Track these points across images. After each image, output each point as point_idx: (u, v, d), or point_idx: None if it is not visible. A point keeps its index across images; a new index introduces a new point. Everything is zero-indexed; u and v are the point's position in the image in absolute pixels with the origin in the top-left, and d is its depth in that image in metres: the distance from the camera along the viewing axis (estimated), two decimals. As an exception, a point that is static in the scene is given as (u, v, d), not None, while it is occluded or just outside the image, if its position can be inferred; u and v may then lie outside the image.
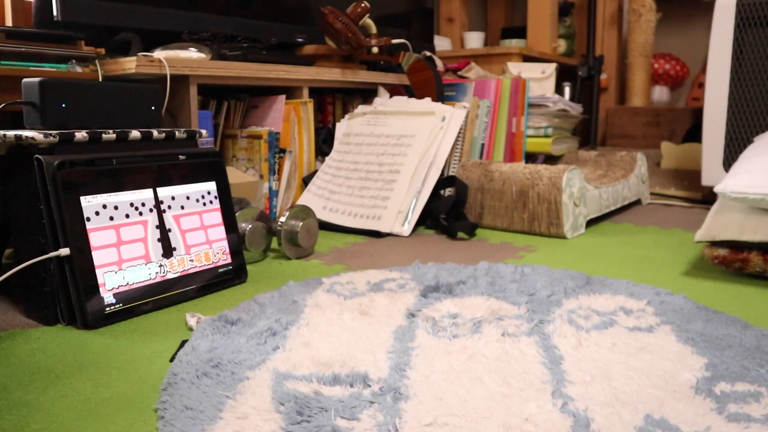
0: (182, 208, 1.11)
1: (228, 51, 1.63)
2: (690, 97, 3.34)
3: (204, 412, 0.66)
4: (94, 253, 0.96)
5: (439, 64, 2.25)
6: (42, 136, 0.96)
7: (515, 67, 2.61)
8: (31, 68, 1.27)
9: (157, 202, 1.07)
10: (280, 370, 0.75)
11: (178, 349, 0.83)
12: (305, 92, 1.82)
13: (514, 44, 2.92)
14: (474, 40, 3.05)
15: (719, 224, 1.19)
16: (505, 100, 2.02)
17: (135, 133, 1.09)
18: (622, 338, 0.85)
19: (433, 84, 1.98)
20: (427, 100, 1.86)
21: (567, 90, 3.01)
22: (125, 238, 1.01)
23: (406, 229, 1.58)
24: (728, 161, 1.96)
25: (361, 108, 1.93)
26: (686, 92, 3.45)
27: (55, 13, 1.36)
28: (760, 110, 1.88)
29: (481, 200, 1.69)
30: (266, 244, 1.33)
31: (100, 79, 1.39)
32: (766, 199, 1.14)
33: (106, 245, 0.98)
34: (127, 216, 1.02)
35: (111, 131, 1.05)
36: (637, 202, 2.08)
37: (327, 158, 1.84)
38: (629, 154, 2.10)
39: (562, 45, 3.21)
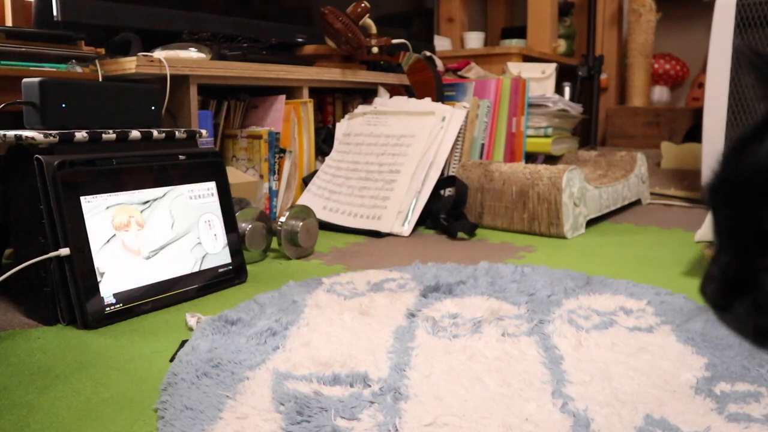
0: (182, 208, 1.11)
1: (228, 51, 1.63)
2: (690, 97, 3.34)
3: (204, 412, 0.66)
4: (94, 253, 0.96)
5: (439, 64, 2.25)
6: (42, 136, 0.96)
7: (515, 67, 2.61)
8: (31, 68, 1.27)
9: (157, 203, 1.07)
10: (280, 370, 0.75)
11: (178, 349, 0.83)
12: (305, 92, 1.82)
13: (514, 44, 2.92)
14: (474, 40, 3.05)
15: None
16: (505, 100, 2.02)
17: (135, 133, 1.09)
18: (622, 338, 0.85)
19: (433, 84, 1.98)
20: (427, 100, 1.86)
21: (567, 90, 3.01)
22: (125, 238, 1.01)
23: (406, 229, 1.58)
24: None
25: (361, 108, 1.93)
26: (686, 92, 3.45)
27: (55, 13, 1.36)
28: (761, 110, 1.88)
29: (481, 200, 1.69)
30: (266, 244, 1.33)
31: (100, 79, 1.39)
32: (766, 199, 1.14)
33: (106, 245, 0.98)
34: (127, 216, 1.02)
35: (111, 131, 1.05)
36: (637, 202, 2.08)
37: (327, 158, 1.84)
38: (629, 154, 2.10)
39: (562, 45, 3.21)
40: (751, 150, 0.33)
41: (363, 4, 1.91)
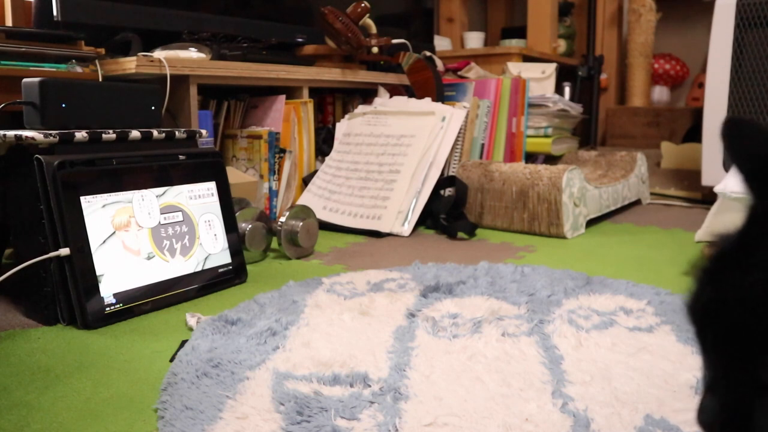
0: (182, 208, 1.11)
1: (228, 51, 1.63)
2: (690, 97, 3.34)
3: (204, 412, 0.66)
4: (94, 253, 0.96)
5: (439, 64, 2.25)
6: (42, 136, 0.96)
7: (515, 67, 2.61)
8: (31, 68, 1.27)
9: (157, 203, 1.07)
10: (280, 370, 0.75)
11: (178, 349, 0.83)
12: (305, 92, 1.82)
13: (514, 44, 2.92)
14: (474, 40, 3.05)
15: (719, 224, 1.19)
16: (505, 100, 2.02)
17: (135, 133, 1.09)
18: (622, 338, 0.85)
19: (433, 84, 1.98)
20: (427, 100, 1.86)
21: (567, 90, 3.01)
22: (125, 238, 1.01)
23: (406, 229, 1.58)
24: (728, 161, 1.95)
25: (361, 108, 1.93)
26: (686, 92, 3.45)
27: (55, 13, 1.36)
28: (760, 110, 1.88)
29: (481, 200, 1.69)
30: (266, 244, 1.33)
31: (100, 79, 1.39)
32: (766, 199, 1.14)
33: (106, 245, 0.98)
34: (127, 216, 1.02)
35: (111, 131, 1.05)
36: (637, 202, 2.07)
37: (327, 158, 1.84)
38: (629, 154, 2.10)
39: (562, 45, 3.21)
40: (737, 275, 0.29)
41: (363, 4, 1.91)
